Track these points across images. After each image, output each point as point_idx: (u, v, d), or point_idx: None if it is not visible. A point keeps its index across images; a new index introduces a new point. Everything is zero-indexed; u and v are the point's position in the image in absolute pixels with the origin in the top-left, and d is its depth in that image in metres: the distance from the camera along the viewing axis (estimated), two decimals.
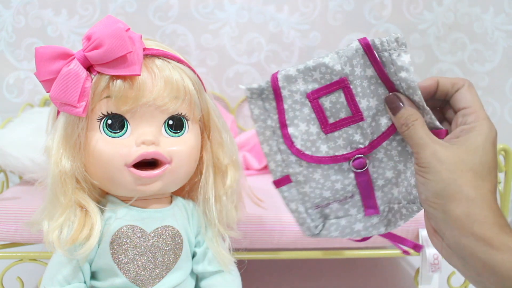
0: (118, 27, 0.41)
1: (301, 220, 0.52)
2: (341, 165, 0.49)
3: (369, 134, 0.47)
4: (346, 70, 0.46)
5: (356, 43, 0.45)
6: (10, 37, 1.08)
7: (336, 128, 0.48)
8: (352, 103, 0.47)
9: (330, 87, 0.47)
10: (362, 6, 1.12)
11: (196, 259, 0.52)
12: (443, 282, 0.75)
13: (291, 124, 0.49)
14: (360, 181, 0.49)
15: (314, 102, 0.48)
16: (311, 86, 0.48)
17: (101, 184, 0.47)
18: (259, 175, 0.99)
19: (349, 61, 0.46)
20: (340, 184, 0.50)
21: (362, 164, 0.48)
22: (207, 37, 1.11)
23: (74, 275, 0.46)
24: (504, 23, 1.12)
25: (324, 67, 0.46)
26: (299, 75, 0.48)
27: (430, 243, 0.71)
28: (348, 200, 0.51)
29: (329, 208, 0.51)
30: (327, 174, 0.49)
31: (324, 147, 0.49)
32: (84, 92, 0.42)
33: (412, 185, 0.47)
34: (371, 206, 0.50)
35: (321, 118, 0.48)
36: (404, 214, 0.49)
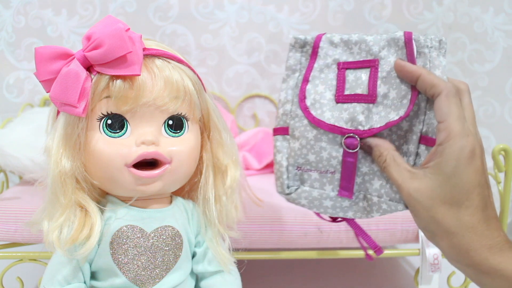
0: (118, 27, 0.41)
1: (278, 173, 0.53)
2: (336, 137, 0.50)
3: (373, 120, 0.48)
4: (382, 53, 0.49)
5: (400, 33, 0.48)
6: (10, 37, 1.08)
7: (347, 100, 0.49)
8: (372, 84, 0.48)
9: (361, 63, 0.50)
10: (362, 6, 1.12)
11: (196, 259, 0.52)
12: (443, 282, 0.75)
13: (312, 82, 0.52)
14: (346, 160, 0.49)
15: (341, 71, 0.51)
16: (346, 57, 0.51)
17: (101, 184, 0.47)
18: (259, 175, 0.99)
19: (388, 46, 0.48)
20: (327, 154, 0.50)
21: (353, 145, 0.49)
22: (207, 37, 1.11)
23: (74, 275, 0.46)
24: (504, 23, 1.12)
25: (364, 44, 0.50)
26: (340, 43, 0.51)
27: (430, 243, 0.71)
28: (328, 174, 0.51)
29: (307, 175, 0.52)
30: (319, 138, 0.50)
31: (328, 113, 0.50)
32: (84, 92, 0.42)
33: None
34: (346, 189, 0.50)
35: (340, 87, 0.50)
36: (384, 209, 0.48)
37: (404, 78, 0.46)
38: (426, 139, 0.46)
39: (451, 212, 0.41)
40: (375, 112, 0.48)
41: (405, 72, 0.46)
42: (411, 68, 0.45)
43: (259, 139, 1.06)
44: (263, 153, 1.02)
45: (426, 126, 0.46)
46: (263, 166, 1.00)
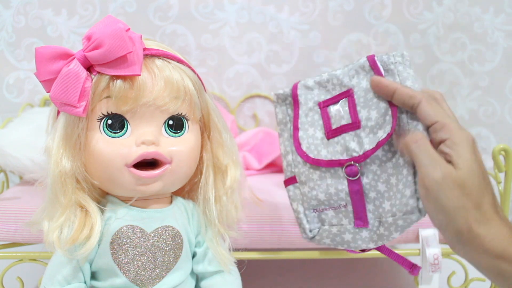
0: (118, 27, 0.41)
1: (299, 221, 0.56)
2: (337, 171, 0.52)
3: (364, 144, 0.49)
4: (353, 82, 0.51)
5: (364, 59, 0.51)
6: (10, 37, 1.08)
7: (336, 134, 0.52)
8: (353, 112, 0.51)
9: (338, 97, 0.53)
10: (362, 6, 1.11)
11: (196, 259, 0.52)
12: (443, 282, 0.75)
13: (302, 128, 0.55)
14: (352, 189, 0.51)
15: (323, 110, 0.54)
16: (323, 96, 0.54)
17: (101, 184, 0.47)
18: (259, 175, 0.99)
19: (356, 74, 0.51)
20: (334, 189, 0.52)
21: (354, 172, 0.50)
22: (207, 37, 1.11)
23: (74, 275, 0.46)
24: (504, 23, 1.12)
25: (335, 79, 0.53)
26: (315, 86, 0.55)
27: (430, 243, 0.71)
28: (342, 209, 0.52)
29: (325, 214, 0.54)
30: (324, 177, 0.53)
31: (324, 151, 0.53)
32: (84, 92, 0.42)
33: (407, 196, 0.47)
34: (360, 218, 0.51)
35: (327, 124, 0.53)
36: (401, 225, 0.49)
37: (381, 93, 0.48)
38: None
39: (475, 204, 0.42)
40: (364, 136, 0.50)
41: (381, 87, 0.48)
42: (386, 83, 0.48)
43: (259, 139, 1.06)
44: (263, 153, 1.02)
45: None
46: (263, 166, 1.00)
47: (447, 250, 0.73)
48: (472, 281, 0.76)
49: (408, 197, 0.47)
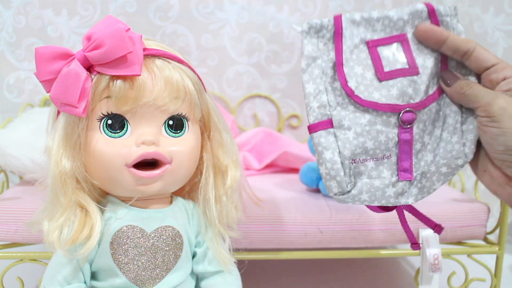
0: (118, 27, 0.41)
1: (333, 173, 0.47)
2: (389, 117, 0.48)
3: (421, 91, 0.48)
4: (407, 27, 0.49)
5: (422, 5, 0.48)
6: (10, 37, 1.08)
7: (392, 77, 0.48)
8: (409, 57, 0.48)
9: (390, 39, 0.49)
10: (362, 6, 1.11)
11: (196, 259, 0.52)
12: (443, 282, 0.75)
13: (346, 65, 0.49)
14: (403, 139, 0.48)
15: (372, 49, 0.49)
16: (370, 35, 0.49)
17: (101, 184, 0.47)
18: (259, 175, 0.99)
19: (411, 19, 0.49)
20: (384, 137, 0.48)
21: (411, 119, 0.47)
22: (207, 37, 1.11)
23: (74, 275, 0.46)
24: (504, 23, 1.12)
25: (387, 20, 0.49)
26: (362, 22, 0.50)
27: (430, 243, 0.71)
28: (385, 160, 0.48)
29: (364, 166, 0.48)
30: (374, 122, 0.48)
31: (377, 93, 0.48)
32: (84, 92, 0.42)
33: (453, 142, 0.48)
34: (406, 170, 0.48)
35: (378, 65, 0.48)
36: (444, 172, 0.48)
37: (428, 41, 0.48)
38: None
39: None
40: (421, 83, 0.48)
41: (431, 34, 0.48)
42: (438, 30, 0.48)
43: (259, 139, 1.06)
44: (263, 153, 1.02)
45: None
46: (263, 166, 1.00)
47: (447, 250, 0.73)
48: (472, 281, 0.76)
49: (454, 143, 0.48)
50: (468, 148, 0.48)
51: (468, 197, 0.80)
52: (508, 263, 0.97)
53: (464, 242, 0.76)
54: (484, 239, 0.76)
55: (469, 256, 0.75)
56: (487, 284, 0.76)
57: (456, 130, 0.49)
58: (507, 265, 0.96)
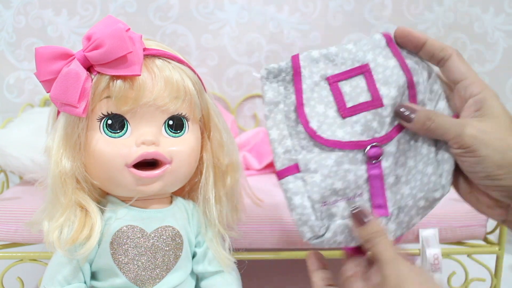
0: (118, 27, 0.41)
1: (304, 218, 0.46)
2: (356, 154, 0.46)
3: (386, 123, 0.46)
4: (368, 56, 0.47)
5: (379, 35, 0.47)
6: (10, 37, 1.08)
7: (355, 112, 0.46)
8: (372, 88, 0.46)
9: (351, 72, 0.47)
10: (362, 6, 1.11)
11: (196, 259, 0.52)
12: (443, 282, 0.75)
13: (307, 105, 0.47)
14: (372, 174, 0.46)
15: (333, 85, 0.47)
16: (331, 70, 0.47)
17: (101, 184, 0.47)
18: (259, 175, 0.99)
19: (372, 49, 0.47)
20: (353, 175, 0.46)
21: (378, 154, 0.46)
22: (207, 37, 1.11)
23: (74, 275, 0.46)
24: (504, 23, 1.12)
25: (346, 53, 0.47)
26: (321, 58, 0.48)
27: (430, 243, 0.71)
28: (357, 198, 0.46)
29: (336, 207, 0.46)
30: (340, 162, 0.46)
31: (340, 131, 0.46)
32: (84, 92, 0.42)
33: (429, 173, 0.46)
34: (381, 206, 0.47)
35: (339, 101, 0.47)
36: (423, 206, 0.47)
37: (408, 45, 0.47)
38: None
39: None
40: (386, 115, 0.46)
41: (410, 37, 0.46)
42: (417, 34, 0.46)
43: (259, 139, 1.06)
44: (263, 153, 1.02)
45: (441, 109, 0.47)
46: (263, 166, 1.00)
47: (447, 250, 0.73)
48: (472, 281, 0.76)
49: (430, 175, 0.46)
50: (445, 179, 0.46)
51: None
52: (508, 263, 0.97)
53: (464, 242, 0.76)
54: (484, 239, 0.76)
55: (469, 256, 0.75)
56: (487, 284, 0.76)
57: (430, 160, 0.46)
58: (507, 265, 0.96)
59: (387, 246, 0.43)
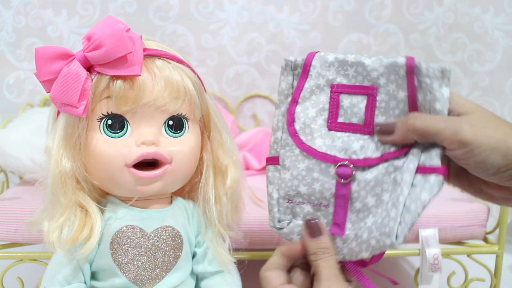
0: (118, 27, 0.41)
1: (270, 206, 0.49)
2: (328, 167, 0.46)
3: (369, 150, 0.45)
4: (380, 81, 0.45)
5: (402, 60, 0.44)
6: (10, 37, 1.08)
7: (341, 129, 0.46)
8: (369, 114, 0.45)
9: (357, 88, 0.46)
10: (362, 6, 1.12)
11: (196, 259, 0.52)
12: (443, 282, 0.75)
13: (301, 104, 0.47)
14: (339, 193, 0.46)
15: (334, 94, 0.47)
16: (340, 79, 0.46)
17: (101, 184, 0.47)
18: (259, 175, 0.99)
19: (387, 73, 0.45)
20: (320, 186, 0.46)
21: (346, 174, 0.45)
22: (207, 37, 1.11)
23: (74, 275, 0.46)
24: (504, 23, 1.12)
25: (361, 68, 0.45)
26: (335, 63, 0.47)
27: (430, 243, 0.71)
28: (322, 208, 0.47)
29: (300, 208, 0.48)
30: (311, 169, 0.46)
31: (320, 140, 0.46)
32: (84, 92, 0.42)
33: (391, 216, 0.43)
34: (338, 225, 0.46)
35: (333, 112, 0.47)
36: (372, 246, 0.44)
37: None
38: (422, 169, 0.43)
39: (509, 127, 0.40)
40: (371, 143, 0.45)
41: None
42: None
43: (259, 139, 1.06)
44: (263, 153, 1.02)
45: (424, 155, 0.43)
46: (263, 166, 1.00)
47: (447, 250, 0.73)
48: (472, 281, 0.76)
49: (391, 218, 0.43)
50: (401, 231, 0.42)
51: (468, 197, 0.80)
52: (508, 263, 0.97)
53: (464, 242, 0.76)
54: (484, 239, 0.76)
55: (469, 256, 0.76)
56: (487, 284, 0.76)
57: (398, 203, 0.43)
58: (507, 265, 0.96)
59: (331, 264, 0.44)
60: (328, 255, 0.44)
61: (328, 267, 0.44)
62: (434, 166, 0.43)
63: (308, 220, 0.47)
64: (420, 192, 0.42)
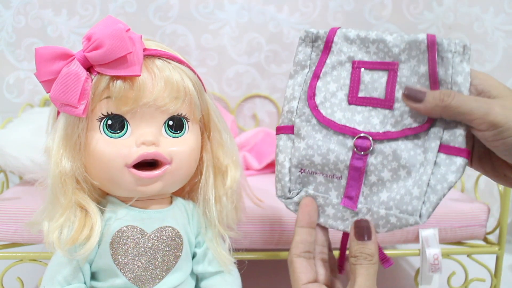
0: (118, 27, 0.41)
1: (280, 176, 0.49)
2: (346, 139, 0.46)
3: (388, 124, 0.45)
4: (402, 56, 0.46)
5: (423, 36, 0.44)
6: (10, 37, 1.08)
7: (362, 103, 0.47)
8: (390, 89, 0.46)
9: (379, 64, 0.47)
10: (362, 6, 1.11)
11: (196, 259, 0.52)
12: (443, 282, 0.75)
13: (322, 79, 0.48)
14: (354, 165, 0.46)
15: (355, 70, 0.47)
16: (361, 55, 0.47)
17: (101, 185, 0.47)
18: (259, 175, 0.99)
19: (408, 49, 0.45)
20: (335, 157, 0.46)
21: (365, 146, 0.45)
22: (207, 37, 1.11)
23: (74, 276, 0.46)
24: (504, 23, 1.12)
25: (383, 44, 0.46)
26: (356, 40, 0.47)
27: (430, 243, 0.71)
28: (335, 179, 0.47)
29: (313, 177, 0.48)
30: (328, 139, 0.47)
31: (339, 114, 0.47)
32: (84, 92, 0.42)
33: (413, 195, 0.44)
34: (351, 197, 0.46)
35: (353, 87, 0.47)
36: (392, 223, 0.45)
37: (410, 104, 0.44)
38: (446, 148, 0.44)
39: None
40: (391, 117, 0.45)
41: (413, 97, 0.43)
42: None
43: (259, 139, 1.06)
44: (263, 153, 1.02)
45: (447, 134, 0.44)
46: (263, 166, 1.00)
47: (447, 250, 0.73)
48: (472, 281, 0.76)
49: (414, 197, 0.44)
50: (426, 210, 0.44)
51: (468, 197, 0.80)
52: (508, 263, 0.97)
53: (464, 242, 0.77)
54: (484, 239, 0.76)
55: (469, 256, 0.76)
56: (487, 284, 0.76)
57: (421, 182, 0.44)
58: (507, 265, 0.96)
59: (370, 272, 0.43)
60: (370, 263, 0.43)
61: (366, 275, 0.42)
62: (460, 147, 0.43)
63: (358, 220, 0.45)
64: (446, 172, 0.43)
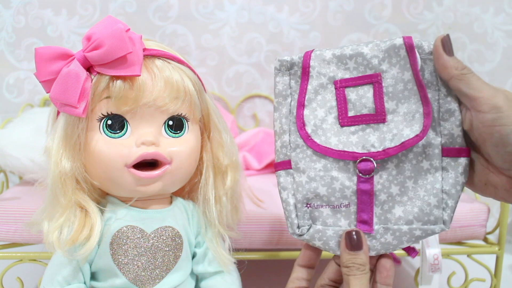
0: (118, 27, 0.41)
1: (287, 213, 0.48)
2: (347, 164, 0.45)
3: (386, 140, 0.44)
4: (382, 66, 0.44)
5: (400, 40, 0.43)
6: (10, 37, 1.08)
7: (354, 123, 0.45)
8: (378, 101, 0.44)
9: (361, 79, 0.45)
10: (362, 6, 1.11)
11: (196, 259, 0.52)
12: (443, 282, 0.75)
13: (308, 106, 0.46)
14: (362, 189, 0.45)
15: (339, 90, 0.46)
16: (341, 74, 0.46)
17: (101, 185, 0.47)
18: (259, 175, 0.99)
19: (388, 57, 0.44)
20: (340, 185, 0.45)
21: (369, 169, 0.44)
22: (207, 37, 1.11)
23: (74, 276, 0.46)
24: (504, 23, 1.12)
25: (360, 58, 0.45)
26: (333, 60, 0.46)
27: (430, 243, 0.71)
28: (342, 208, 0.46)
29: (318, 212, 0.47)
30: (329, 168, 0.45)
31: (335, 139, 0.45)
32: (84, 92, 0.42)
33: (432, 205, 0.43)
34: (366, 222, 0.45)
35: (342, 108, 0.46)
36: (417, 236, 0.44)
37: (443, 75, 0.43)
38: (449, 151, 0.43)
39: None
40: (386, 131, 0.44)
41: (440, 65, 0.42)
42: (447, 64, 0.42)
43: (259, 139, 1.06)
44: (263, 153, 1.02)
45: (445, 137, 0.43)
46: (263, 166, 1.00)
47: (447, 250, 0.73)
48: (472, 281, 0.76)
49: (433, 206, 0.43)
50: (448, 215, 0.43)
51: (468, 197, 0.80)
52: (508, 263, 0.97)
53: (464, 242, 0.76)
54: (484, 239, 0.76)
55: (469, 256, 0.75)
56: (487, 284, 0.76)
57: (436, 191, 0.43)
58: (507, 265, 0.96)
59: (363, 282, 0.43)
60: (362, 273, 0.43)
61: (360, 285, 0.43)
62: (460, 147, 0.43)
63: (349, 231, 0.45)
64: (456, 176, 0.43)
